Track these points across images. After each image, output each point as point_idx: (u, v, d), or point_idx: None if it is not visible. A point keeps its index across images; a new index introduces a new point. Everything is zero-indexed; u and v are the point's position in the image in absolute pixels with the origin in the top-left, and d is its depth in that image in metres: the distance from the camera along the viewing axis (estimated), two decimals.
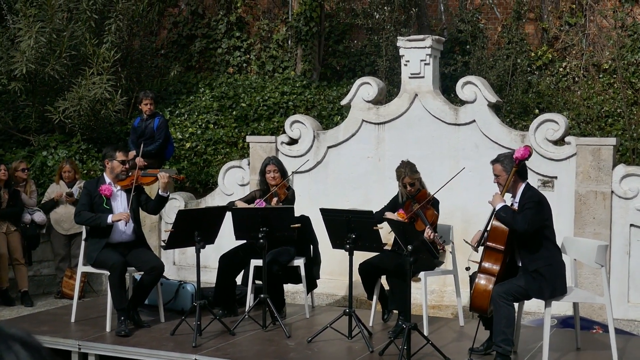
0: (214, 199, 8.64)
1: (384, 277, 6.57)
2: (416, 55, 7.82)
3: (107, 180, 6.54)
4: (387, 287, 6.66)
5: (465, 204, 7.60)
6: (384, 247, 6.09)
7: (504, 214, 5.32)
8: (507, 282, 5.36)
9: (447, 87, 10.04)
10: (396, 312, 6.57)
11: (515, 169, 5.38)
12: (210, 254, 7.83)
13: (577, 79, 10.69)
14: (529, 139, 7.30)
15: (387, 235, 6.36)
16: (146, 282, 6.45)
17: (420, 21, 11.33)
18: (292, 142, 8.42)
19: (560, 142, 7.31)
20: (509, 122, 9.64)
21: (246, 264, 6.93)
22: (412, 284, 5.80)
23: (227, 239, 7.07)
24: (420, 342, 5.54)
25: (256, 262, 6.73)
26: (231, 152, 10.47)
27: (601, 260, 5.47)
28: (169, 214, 8.50)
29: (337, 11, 12.08)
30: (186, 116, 11.05)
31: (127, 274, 6.51)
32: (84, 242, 6.72)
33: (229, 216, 6.50)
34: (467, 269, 5.59)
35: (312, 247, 7.12)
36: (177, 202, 8.61)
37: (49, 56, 9.97)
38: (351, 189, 8.13)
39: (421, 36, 7.96)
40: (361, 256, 6.43)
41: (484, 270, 5.41)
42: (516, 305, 5.51)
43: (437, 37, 8.00)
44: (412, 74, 7.87)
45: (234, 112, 11.01)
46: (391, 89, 9.94)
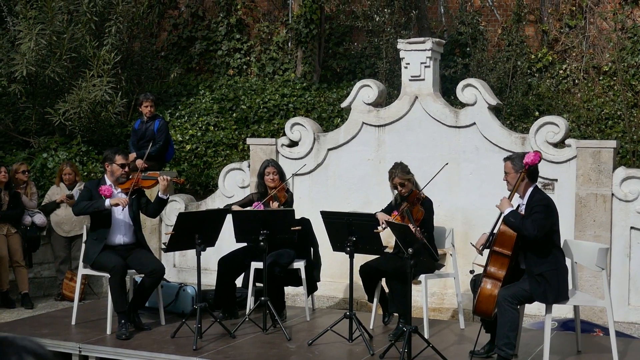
0: (215, 202, 8.64)
1: (384, 279, 6.58)
2: (416, 57, 7.82)
3: (108, 182, 6.55)
4: (387, 290, 6.66)
5: (465, 206, 7.60)
6: (385, 250, 6.09)
7: (513, 219, 5.29)
8: (512, 286, 5.35)
9: (447, 90, 10.04)
10: (396, 314, 6.58)
11: (523, 173, 5.37)
12: (210, 256, 7.82)
13: (577, 81, 10.69)
14: (529, 141, 7.30)
15: (388, 238, 6.37)
16: (147, 285, 6.46)
17: (420, 23, 11.33)
18: (293, 144, 8.42)
19: (560, 144, 7.31)
20: (509, 124, 9.64)
21: (246, 267, 6.93)
22: (412, 287, 5.81)
23: (226, 241, 7.07)
24: (420, 345, 5.55)
25: (257, 265, 6.73)
26: (231, 154, 10.47)
27: (602, 263, 5.47)
28: (170, 216, 8.50)
29: (337, 13, 12.08)
30: (186, 118, 11.05)
31: (127, 277, 6.52)
32: (84, 244, 6.72)
33: (229, 219, 6.51)
34: (472, 272, 5.59)
35: (312, 249, 7.12)
36: (177, 205, 8.61)
37: (49, 58, 9.98)
38: (351, 191, 8.13)
39: (421, 39, 7.96)
40: (361, 258, 6.43)
41: (489, 274, 5.39)
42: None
43: (437, 39, 8.00)
44: (412, 77, 7.87)
45: (234, 114, 11.01)
46: (391, 92, 9.93)
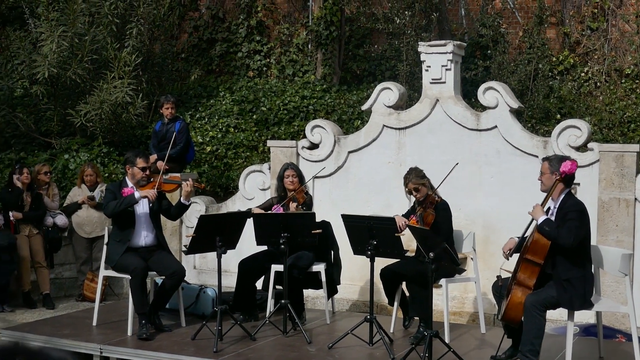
0: (235, 204, 8.65)
1: (405, 283, 6.56)
2: (437, 60, 7.79)
3: (129, 184, 6.57)
4: (407, 293, 6.64)
5: (486, 210, 7.56)
6: (406, 254, 6.07)
7: (547, 228, 5.22)
8: (540, 292, 5.30)
9: (467, 92, 10.00)
10: (417, 318, 6.56)
11: (558, 179, 5.33)
12: (230, 258, 7.82)
13: (599, 84, 10.61)
14: (551, 144, 7.26)
15: (408, 241, 6.35)
16: (167, 287, 6.49)
17: (441, 26, 11.30)
18: (313, 146, 8.41)
19: (582, 148, 7.26)
20: (531, 127, 9.59)
21: (266, 270, 6.93)
22: (433, 291, 5.78)
23: (247, 243, 7.08)
24: (441, 350, 5.53)
25: (277, 267, 6.73)
26: (251, 156, 10.49)
27: (625, 269, 5.42)
28: (190, 218, 8.53)
29: (357, 15, 12.06)
30: (206, 120, 11.08)
31: (148, 279, 6.54)
32: (105, 246, 6.75)
33: (249, 221, 6.52)
34: (499, 277, 5.56)
35: (332, 252, 7.12)
36: (197, 206, 8.63)
37: (70, 60, 10.04)
38: (372, 194, 8.11)
39: (442, 42, 7.94)
40: (382, 262, 6.41)
41: (520, 282, 5.34)
42: None
43: (458, 42, 7.97)
44: (433, 79, 7.84)
45: (254, 116, 11.02)
46: (412, 94, 9.91)
